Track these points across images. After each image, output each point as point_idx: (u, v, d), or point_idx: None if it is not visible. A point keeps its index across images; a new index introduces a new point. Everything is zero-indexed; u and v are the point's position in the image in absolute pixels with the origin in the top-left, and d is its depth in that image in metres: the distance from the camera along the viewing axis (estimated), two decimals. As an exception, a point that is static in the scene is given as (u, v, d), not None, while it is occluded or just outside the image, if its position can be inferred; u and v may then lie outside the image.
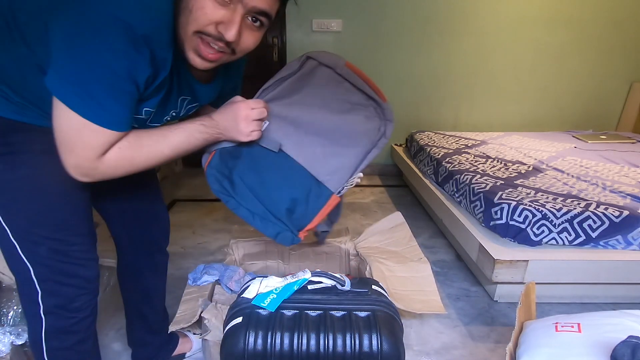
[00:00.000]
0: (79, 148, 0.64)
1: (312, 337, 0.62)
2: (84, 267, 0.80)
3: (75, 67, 0.60)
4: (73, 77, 0.61)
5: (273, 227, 0.91)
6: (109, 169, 0.68)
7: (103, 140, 0.65)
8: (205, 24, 0.65)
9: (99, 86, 0.62)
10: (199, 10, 0.64)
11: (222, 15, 0.65)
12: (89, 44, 0.59)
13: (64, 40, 0.60)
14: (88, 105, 0.62)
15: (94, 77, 0.61)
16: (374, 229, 1.48)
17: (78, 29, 0.59)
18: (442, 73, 2.91)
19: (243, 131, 0.83)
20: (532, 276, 1.35)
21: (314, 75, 0.93)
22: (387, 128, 0.96)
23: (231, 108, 0.82)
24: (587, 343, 0.69)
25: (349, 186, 0.94)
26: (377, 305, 0.66)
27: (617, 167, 2.00)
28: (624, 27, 2.81)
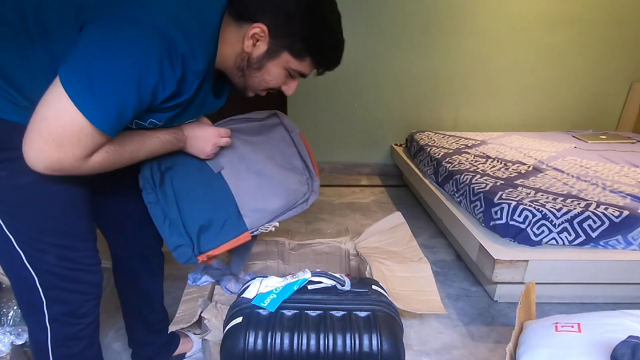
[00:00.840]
0: (71, 146, 0.62)
1: (312, 337, 0.62)
2: (90, 272, 0.80)
3: (101, 65, 0.59)
4: (93, 74, 0.59)
5: (178, 238, 0.92)
6: (89, 169, 0.67)
7: (97, 143, 0.64)
8: (275, 87, 0.80)
9: (117, 93, 0.61)
10: (273, 79, 0.77)
11: (287, 81, 0.80)
12: (126, 50, 0.59)
13: (98, 36, 0.60)
14: (97, 108, 0.60)
15: (117, 82, 0.60)
16: (374, 229, 1.48)
17: (120, 32, 0.60)
18: (442, 73, 2.91)
19: (206, 152, 0.91)
20: (532, 276, 1.35)
21: (273, 130, 1.09)
22: (310, 197, 1.09)
23: (205, 131, 0.89)
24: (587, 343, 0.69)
25: (262, 229, 0.99)
26: (377, 305, 0.66)
27: (617, 167, 2.00)
28: (624, 27, 2.81)
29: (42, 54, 0.65)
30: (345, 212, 2.38)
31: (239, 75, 0.77)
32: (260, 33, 0.71)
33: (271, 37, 0.72)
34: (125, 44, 0.59)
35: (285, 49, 0.73)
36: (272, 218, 1.00)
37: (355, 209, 2.43)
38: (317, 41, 0.73)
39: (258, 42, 0.72)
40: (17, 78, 0.66)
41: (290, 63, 0.75)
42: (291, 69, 0.76)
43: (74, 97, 0.59)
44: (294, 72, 0.77)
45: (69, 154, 0.62)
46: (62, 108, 0.60)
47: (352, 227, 2.09)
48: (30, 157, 0.62)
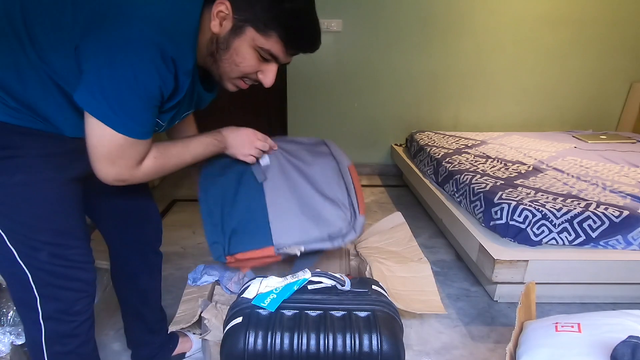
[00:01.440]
0: (121, 159, 0.70)
1: (312, 337, 0.62)
2: (83, 270, 0.81)
3: (110, 84, 0.64)
4: (108, 94, 0.64)
5: (217, 235, 0.99)
6: (144, 175, 0.75)
7: (140, 150, 0.72)
8: (249, 72, 0.78)
9: (133, 102, 0.66)
10: (242, 60, 0.75)
11: (262, 67, 0.78)
12: (124, 63, 0.63)
13: (99, 58, 0.63)
14: (123, 121, 0.66)
15: (128, 93, 0.65)
16: (374, 229, 1.48)
17: (114, 49, 0.63)
18: (442, 73, 2.91)
19: (243, 152, 0.98)
20: (532, 276, 1.35)
21: (322, 157, 1.11)
22: (348, 235, 1.02)
23: (243, 132, 0.98)
24: (587, 343, 0.69)
25: (287, 251, 0.99)
26: (377, 305, 0.66)
27: (617, 167, 2.00)
28: (624, 27, 2.81)
29: (34, 59, 0.67)
30: (345, 212, 2.38)
31: (212, 62, 0.76)
32: (225, 10, 0.69)
33: (234, 13, 0.70)
34: (125, 62, 0.63)
35: (249, 24, 0.70)
36: (299, 242, 0.99)
37: (355, 209, 2.42)
38: (279, 11, 0.70)
39: (224, 21, 0.71)
40: (7, 81, 0.67)
41: (256, 40, 0.72)
42: (259, 47, 0.73)
43: (103, 119, 0.65)
44: (264, 52, 0.74)
45: (122, 166, 0.70)
46: (99, 132, 0.66)
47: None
48: (101, 177, 0.71)
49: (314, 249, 1.00)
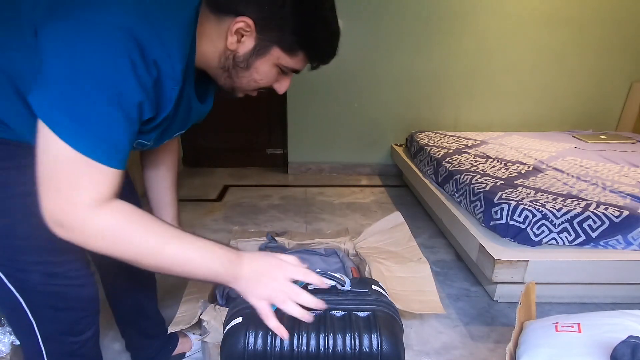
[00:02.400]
0: (68, 185, 0.53)
1: (312, 337, 0.62)
2: (82, 287, 0.73)
3: (72, 85, 0.51)
4: (65, 94, 0.51)
5: None
6: (96, 232, 0.55)
7: (99, 181, 0.55)
8: (266, 85, 0.70)
9: (98, 107, 0.52)
10: (263, 78, 0.68)
11: (279, 78, 0.71)
12: (91, 54, 0.51)
13: (60, 51, 0.52)
14: (79, 131, 0.52)
15: (95, 99, 0.52)
16: (373, 228, 1.47)
17: (80, 35, 0.51)
18: (442, 73, 2.91)
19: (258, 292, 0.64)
20: (532, 276, 1.35)
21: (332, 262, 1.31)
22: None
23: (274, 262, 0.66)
24: (587, 343, 0.69)
25: None
26: (377, 305, 0.66)
27: (617, 167, 2.00)
28: (624, 27, 2.81)
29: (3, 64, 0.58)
30: (345, 212, 2.38)
31: (225, 76, 0.68)
32: (246, 28, 0.61)
33: (258, 32, 0.62)
34: (93, 56, 0.51)
35: (275, 44, 0.63)
36: None
37: (355, 209, 2.43)
38: (310, 33, 0.64)
39: (243, 37, 0.62)
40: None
41: (281, 59, 0.65)
42: (282, 65, 0.67)
43: (55, 127, 0.51)
44: (286, 68, 0.68)
45: (69, 199, 0.53)
46: (46, 144, 0.52)
47: (352, 227, 2.09)
48: (42, 211, 0.54)
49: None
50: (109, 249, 0.57)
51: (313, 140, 3.07)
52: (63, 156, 0.52)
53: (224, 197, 2.59)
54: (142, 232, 0.58)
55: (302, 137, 3.06)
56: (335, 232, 1.54)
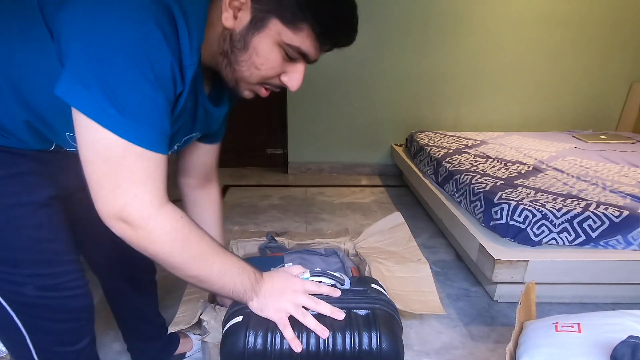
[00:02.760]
0: (126, 180, 0.50)
1: (312, 336, 0.62)
2: (76, 297, 0.70)
3: (105, 68, 0.47)
4: (100, 75, 0.47)
5: None
6: (160, 232, 0.53)
7: (150, 171, 0.52)
8: (271, 76, 0.62)
9: (137, 89, 0.48)
10: (264, 61, 0.58)
11: (287, 67, 0.61)
12: (119, 29, 0.47)
13: (83, 29, 0.47)
14: (123, 118, 0.48)
15: (132, 79, 0.48)
16: (373, 229, 1.47)
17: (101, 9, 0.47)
18: (442, 73, 2.91)
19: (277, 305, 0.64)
20: (532, 276, 1.35)
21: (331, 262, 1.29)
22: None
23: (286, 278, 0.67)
24: (587, 343, 0.69)
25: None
26: (376, 303, 0.66)
27: (617, 167, 2.00)
28: (623, 27, 2.81)
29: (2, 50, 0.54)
30: (345, 212, 2.38)
31: (225, 64, 0.60)
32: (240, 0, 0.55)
33: (253, 1, 0.55)
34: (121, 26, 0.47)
35: (273, 14, 0.55)
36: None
37: (355, 209, 2.43)
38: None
39: (240, 12, 0.56)
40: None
41: (282, 35, 0.56)
42: (286, 44, 0.57)
43: (98, 118, 0.48)
44: (291, 50, 0.58)
45: (130, 195, 0.51)
46: (92, 138, 0.49)
47: (352, 227, 2.09)
48: (100, 211, 0.53)
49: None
50: (163, 252, 0.56)
51: (313, 140, 3.08)
52: (115, 148, 0.49)
53: (224, 197, 2.59)
54: (199, 240, 0.58)
55: (302, 137, 3.06)
56: (335, 233, 1.54)
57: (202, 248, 0.58)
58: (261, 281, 0.65)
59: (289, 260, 1.26)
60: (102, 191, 0.51)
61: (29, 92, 0.55)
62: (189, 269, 0.58)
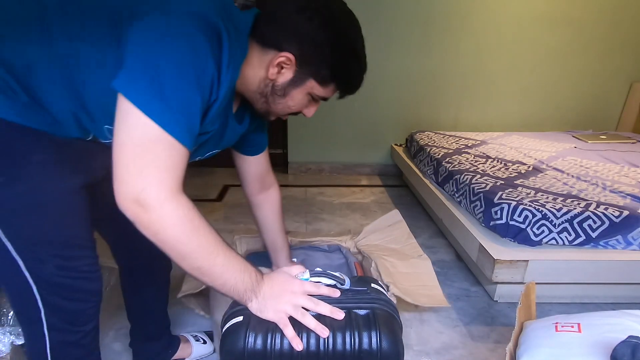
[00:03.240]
0: (152, 165, 0.56)
1: (312, 336, 0.62)
2: (89, 280, 0.77)
3: (162, 67, 0.55)
4: (154, 76, 0.55)
5: None
6: (172, 217, 0.57)
7: (176, 160, 0.58)
8: (298, 111, 0.79)
9: (182, 86, 0.56)
10: (295, 104, 0.76)
11: (309, 105, 0.79)
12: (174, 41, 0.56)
13: (150, 39, 0.56)
14: (164, 108, 0.55)
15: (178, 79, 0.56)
16: (372, 227, 1.49)
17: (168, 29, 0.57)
18: (442, 73, 2.91)
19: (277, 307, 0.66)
20: (532, 276, 1.35)
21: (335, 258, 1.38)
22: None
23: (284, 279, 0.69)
24: (587, 343, 0.69)
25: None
26: (376, 303, 0.66)
27: (617, 167, 2.00)
28: (624, 27, 2.81)
29: (59, 49, 0.61)
30: (345, 212, 2.38)
31: (262, 101, 0.75)
32: (287, 62, 0.69)
33: (297, 66, 0.70)
34: (176, 38, 0.56)
35: (311, 76, 0.72)
36: None
37: (355, 209, 2.43)
38: (344, 69, 0.73)
39: (283, 69, 0.71)
40: (22, 73, 0.61)
41: (314, 89, 0.74)
42: (315, 94, 0.75)
43: (142, 106, 0.55)
44: (317, 97, 0.77)
45: (151, 179, 0.56)
46: (133, 123, 0.55)
47: (352, 227, 2.09)
48: (119, 193, 0.57)
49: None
50: (173, 238, 0.59)
51: (313, 140, 3.08)
52: (150, 134, 0.55)
53: (224, 197, 2.59)
54: (207, 231, 0.62)
55: (302, 137, 3.06)
56: (336, 232, 1.55)
57: (209, 240, 0.62)
58: (261, 282, 0.67)
59: (293, 255, 1.27)
60: (127, 174, 0.56)
61: (83, 88, 0.63)
62: (194, 259, 0.61)
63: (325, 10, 0.68)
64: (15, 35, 0.60)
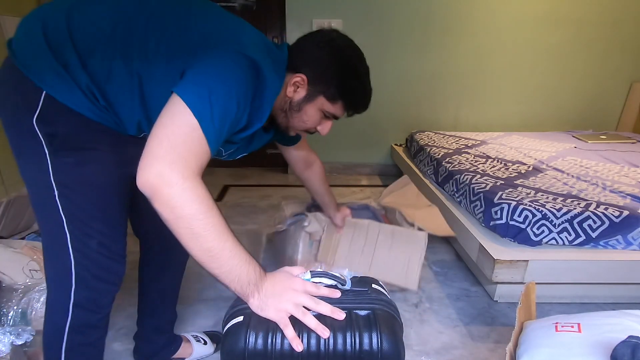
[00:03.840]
0: (182, 146, 0.63)
1: (312, 336, 0.62)
2: (120, 263, 0.85)
3: (212, 81, 0.67)
4: (206, 87, 0.66)
5: None
6: (189, 193, 0.62)
7: (202, 152, 0.65)
8: (311, 128, 0.93)
9: (222, 100, 0.66)
10: (309, 119, 0.89)
11: (322, 122, 0.92)
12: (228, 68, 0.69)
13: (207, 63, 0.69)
14: (207, 109, 0.65)
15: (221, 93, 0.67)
16: (389, 189, 2.03)
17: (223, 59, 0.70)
18: (442, 73, 2.91)
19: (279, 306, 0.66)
20: (532, 276, 1.35)
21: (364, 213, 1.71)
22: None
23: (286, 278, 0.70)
24: (587, 343, 0.69)
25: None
26: (377, 303, 0.66)
27: (617, 167, 2.00)
28: (623, 27, 2.81)
29: (135, 67, 0.72)
30: (345, 212, 2.38)
31: (282, 116, 0.89)
32: (301, 81, 0.84)
33: (309, 85, 0.84)
34: (227, 65, 0.69)
35: (321, 94, 0.85)
36: None
37: (355, 209, 2.43)
38: (347, 88, 0.86)
39: (298, 88, 0.85)
40: (103, 83, 0.72)
41: (324, 105, 0.87)
42: (325, 110, 0.88)
43: (190, 103, 0.64)
44: (328, 113, 0.89)
45: (180, 156, 0.62)
46: (177, 111, 0.64)
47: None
48: (143, 166, 0.62)
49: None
50: (190, 214, 0.62)
51: (313, 140, 3.06)
52: (188, 123, 0.64)
53: (224, 197, 2.59)
54: (219, 215, 0.66)
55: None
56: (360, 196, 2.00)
57: (222, 221, 0.66)
58: (264, 278, 0.68)
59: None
60: (159, 148, 0.62)
61: (149, 100, 0.75)
62: (206, 239, 0.63)
63: (334, 42, 0.85)
64: (103, 51, 0.71)
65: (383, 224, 1.54)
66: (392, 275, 1.44)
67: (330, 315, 0.65)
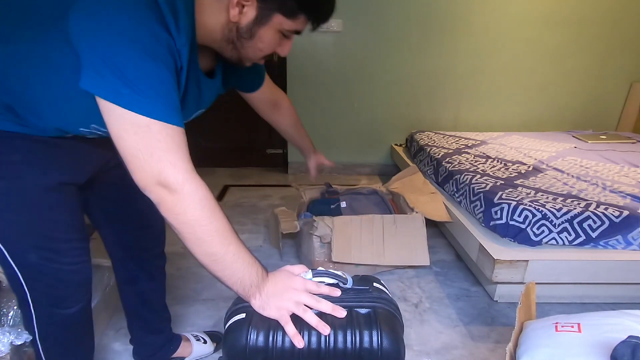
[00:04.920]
0: (158, 149, 0.57)
1: (313, 334, 0.62)
2: (75, 272, 0.80)
3: (112, 55, 0.54)
4: (112, 64, 0.54)
5: None
6: (193, 196, 0.59)
7: (177, 139, 0.59)
8: (271, 51, 0.73)
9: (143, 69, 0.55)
10: (266, 45, 0.70)
11: (282, 42, 0.73)
12: (118, 20, 0.54)
13: (89, 26, 0.55)
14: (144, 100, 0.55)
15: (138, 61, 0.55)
16: (397, 177, 2.08)
17: (101, 8, 0.55)
18: (442, 73, 2.91)
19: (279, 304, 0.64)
20: (532, 276, 1.35)
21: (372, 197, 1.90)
22: None
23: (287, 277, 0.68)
24: (587, 343, 0.69)
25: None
26: (377, 302, 0.66)
27: (617, 167, 2.00)
28: (623, 27, 2.81)
29: (22, 49, 0.62)
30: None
31: (230, 48, 0.70)
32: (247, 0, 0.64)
33: (259, 1, 0.65)
34: (118, 22, 0.54)
35: (276, 11, 0.66)
36: None
37: (355, 209, 2.43)
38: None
39: (245, 8, 0.65)
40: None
41: (283, 24, 0.68)
42: (285, 29, 0.69)
43: (116, 100, 0.55)
44: (288, 32, 0.70)
45: (165, 161, 0.57)
46: (117, 116, 0.56)
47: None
48: (139, 182, 0.59)
49: None
50: (194, 220, 0.60)
51: (313, 140, 3.05)
52: (138, 122, 0.56)
53: (224, 197, 2.59)
54: (222, 215, 0.63)
55: (302, 137, 3.06)
56: (366, 182, 2.12)
57: (225, 225, 0.63)
58: (266, 279, 0.67)
59: (343, 199, 1.81)
60: (138, 160, 0.57)
61: (24, 87, 0.64)
62: (210, 244, 0.61)
63: None
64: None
65: (385, 215, 1.69)
66: (405, 257, 1.63)
67: (331, 313, 0.64)
